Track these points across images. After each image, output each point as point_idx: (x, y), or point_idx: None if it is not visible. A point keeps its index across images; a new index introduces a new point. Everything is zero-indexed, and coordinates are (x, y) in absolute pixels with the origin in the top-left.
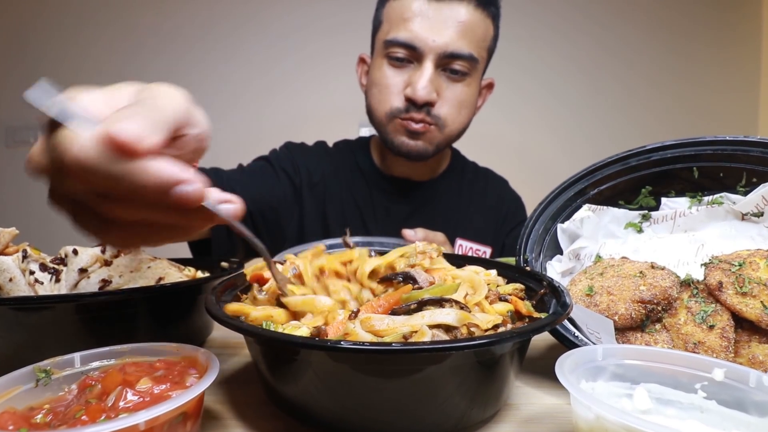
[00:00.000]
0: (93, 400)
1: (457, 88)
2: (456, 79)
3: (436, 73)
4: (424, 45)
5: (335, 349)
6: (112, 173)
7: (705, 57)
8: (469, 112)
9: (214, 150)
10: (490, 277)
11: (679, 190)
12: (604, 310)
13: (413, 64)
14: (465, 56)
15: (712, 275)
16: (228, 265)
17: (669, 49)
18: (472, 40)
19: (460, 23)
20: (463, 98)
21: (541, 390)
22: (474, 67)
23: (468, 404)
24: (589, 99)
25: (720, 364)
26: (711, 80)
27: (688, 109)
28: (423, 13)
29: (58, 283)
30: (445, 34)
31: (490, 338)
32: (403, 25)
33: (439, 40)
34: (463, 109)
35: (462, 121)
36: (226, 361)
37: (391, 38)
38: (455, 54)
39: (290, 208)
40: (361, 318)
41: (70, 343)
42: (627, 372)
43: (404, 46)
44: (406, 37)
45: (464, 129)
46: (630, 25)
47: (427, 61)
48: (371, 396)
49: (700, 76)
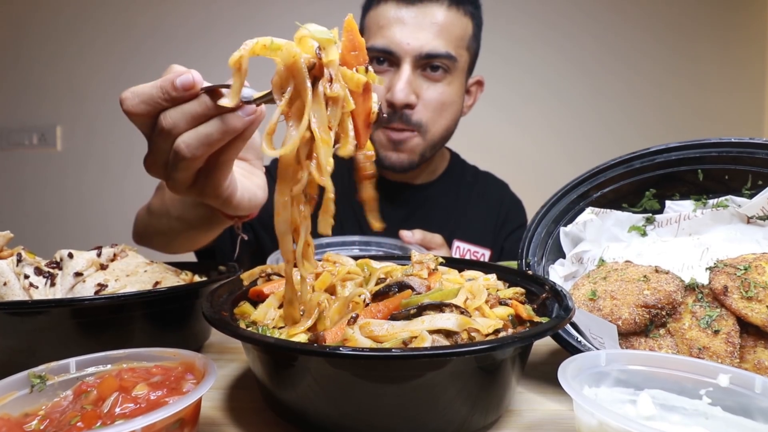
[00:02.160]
0: (89, 407)
1: (437, 89)
2: (436, 78)
3: (414, 75)
4: (399, 49)
5: (334, 355)
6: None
7: (710, 57)
8: (452, 113)
9: None
10: (489, 282)
11: (683, 192)
12: (607, 315)
13: (393, 70)
14: (442, 55)
15: (717, 279)
16: (225, 268)
17: (673, 50)
18: (449, 39)
19: (435, 24)
20: (444, 99)
21: (543, 396)
22: (454, 66)
23: (469, 410)
24: (592, 100)
25: (725, 370)
26: (716, 81)
27: (692, 111)
28: (398, 19)
29: (53, 288)
30: (421, 37)
31: (491, 343)
32: (379, 33)
33: (415, 43)
34: (445, 110)
35: (445, 124)
36: (224, 367)
37: (368, 46)
38: (432, 54)
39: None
40: (360, 323)
41: (65, 349)
42: (631, 378)
43: (381, 52)
44: (382, 43)
45: (449, 131)
46: (633, 25)
47: (404, 65)
48: (370, 402)
49: (705, 77)
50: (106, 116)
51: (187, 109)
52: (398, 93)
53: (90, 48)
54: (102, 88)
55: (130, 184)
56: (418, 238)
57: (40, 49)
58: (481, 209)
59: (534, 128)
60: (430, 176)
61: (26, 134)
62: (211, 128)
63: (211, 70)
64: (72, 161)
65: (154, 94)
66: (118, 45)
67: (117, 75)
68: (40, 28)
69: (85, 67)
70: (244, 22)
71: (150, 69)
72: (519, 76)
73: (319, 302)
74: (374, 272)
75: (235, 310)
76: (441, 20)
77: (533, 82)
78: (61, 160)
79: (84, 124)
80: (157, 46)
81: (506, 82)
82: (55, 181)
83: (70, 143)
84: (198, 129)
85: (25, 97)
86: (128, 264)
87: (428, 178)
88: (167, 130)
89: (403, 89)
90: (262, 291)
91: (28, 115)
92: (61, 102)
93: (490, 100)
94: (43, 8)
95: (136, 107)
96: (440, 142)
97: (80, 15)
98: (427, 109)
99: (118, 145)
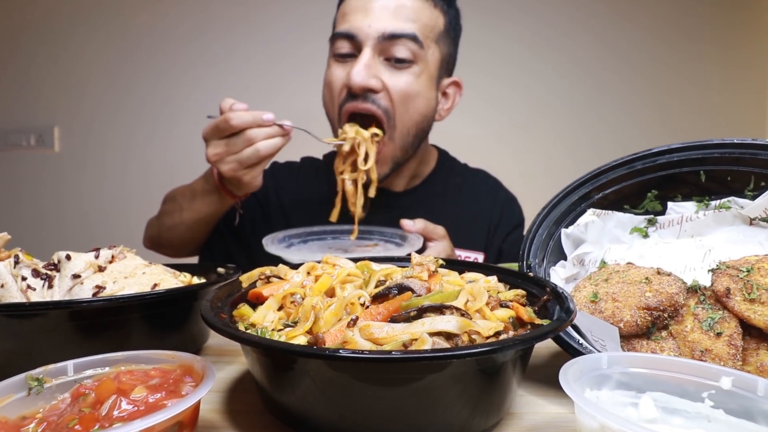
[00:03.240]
0: (86, 409)
1: (401, 77)
2: (400, 67)
3: (375, 60)
4: (360, 32)
5: (334, 357)
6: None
7: (712, 58)
8: (421, 108)
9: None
10: (490, 284)
11: (685, 194)
12: (609, 317)
13: (356, 57)
14: (407, 35)
15: (720, 281)
16: (224, 270)
17: (675, 50)
18: (416, 21)
19: (400, 6)
20: (409, 89)
21: (544, 399)
22: (420, 54)
23: (470, 413)
24: (594, 101)
25: (727, 373)
26: (718, 82)
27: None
28: (362, 5)
29: (50, 290)
30: (382, 18)
31: (492, 346)
32: (342, 20)
33: (376, 25)
34: (411, 101)
35: (414, 119)
36: (223, 369)
37: (333, 34)
38: (395, 34)
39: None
40: (360, 326)
41: (63, 351)
42: (632, 380)
43: (343, 37)
44: (344, 28)
45: (420, 130)
46: (635, 25)
47: (365, 48)
48: (370, 405)
49: (707, 78)
50: (103, 117)
51: (266, 129)
52: (355, 75)
53: (87, 48)
54: (99, 88)
55: (127, 185)
56: (420, 227)
57: (37, 50)
58: (471, 211)
59: (535, 129)
60: (412, 180)
61: (23, 135)
62: (277, 141)
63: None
64: (69, 162)
65: (250, 119)
66: (115, 45)
67: (114, 75)
68: (36, 29)
69: (83, 67)
70: (242, 22)
71: (147, 69)
72: (520, 76)
73: (313, 305)
74: (374, 274)
75: (234, 312)
76: (408, 4)
77: (534, 83)
78: (58, 161)
79: (81, 125)
80: (154, 47)
81: (507, 82)
82: (52, 183)
83: (67, 144)
84: (270, 140)
85: (22, 97)
86: (126, 266)
87: (411, 183)
88: (251, 138)
89: (360, 71)
90: (261, 293)
91: (25, 116)
92: (59, 103)
93: (490, 100)
94: (39, 9)
95: (239, 125)
96: (412, 143)
97: (77, 15)
98: (392, 100)
99: (115, 146)
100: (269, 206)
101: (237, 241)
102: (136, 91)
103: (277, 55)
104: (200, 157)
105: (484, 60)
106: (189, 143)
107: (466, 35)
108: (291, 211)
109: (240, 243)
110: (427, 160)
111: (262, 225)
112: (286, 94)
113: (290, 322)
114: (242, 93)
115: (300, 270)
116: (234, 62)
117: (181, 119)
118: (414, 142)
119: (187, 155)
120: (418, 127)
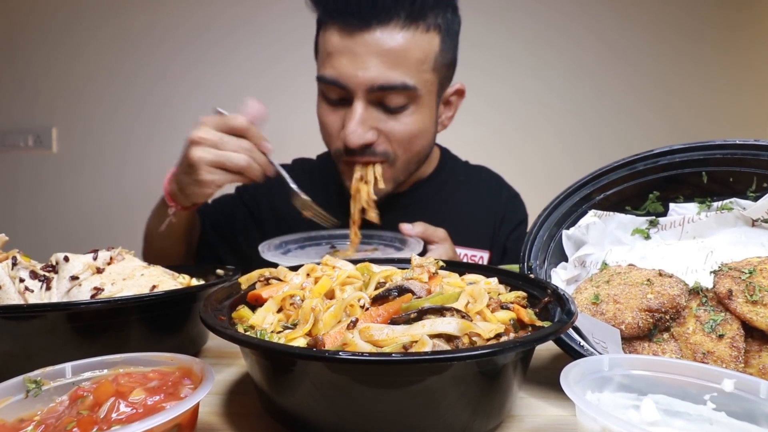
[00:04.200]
0: (85, 412)
1: (400, 122)
2: (396, 111)
3: (369, 110)
4: (350, 82)
5: (333, 359)
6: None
7: (714, 58)
8: (424, 140)
9: None
10: (490, 286)
11: (687, 195)
12: (610, 319)
13: (348, 103)
14: (398, 86)
15: (722, 283)
16: (223, 272)
17: (677, 50)
18: (407, 66)
19: (388, 51)
20: (409, 130)
21: (545, 401)
22: (415, 96)
23: (470, 416)
24: (595, 101)
25: (730, 375)
26: (720, 82)
27: (696, 112)
28: (346, 47)
29: (48, 291)
30: (371, 67)
31: (492, 348)
32: (328, 61)
33: (364, 75)
34: (412, 141)
35: (416, 150)
36: (222, 372)
37: (319, 75)
38: (385, 86)
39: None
40: (359, 327)
41: (61, 353)
42: (634, 383)
43: (332, 84)
44: (331, 74)
45: (422, 155)
46: (636, 25)
47: (356, 100)
48: (370, 407)
49: (709, 78)
50: (102, 118)
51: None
52: (350, 135)
53: (85, 48)
54: (98, 89)
55: (126, 186)
56: (419, 231)
57: (35, 50)
58: (475, 208)
59: (536, 130)
60: (414, 181)
61: (21, 136)
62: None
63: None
64: (68, 163)
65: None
66: (113, 46)
67: (113, 76)
68: (35, 29)
69: (81, 67)
70: (241, 23)
71: (146, 70)
72: (521, 77)
73: (312, 307)
74: (374, 276)
75: (233, 314)
76: (395, 46)
77: (535, 84)
78: (56, 162)
79: (80, 125)
80: (153, 47)
81: (508, 83)
82: (50, 184)
83: (65, 145)
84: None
85: (20, 98)
86: (125, 267)
87: (413, 184)
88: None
89: (355, 131)
90: (261, 295)
91: (23, 117)
92: (57, 103)
93: (491, 101)
94: (38, 9)
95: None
96: (415, 165)
97: (75, 16)
98: (391, 142)
99: (114, 147)
100: (261, 212)
101: (232, 252)
102: (135, 91)
103: (277, 56)
104: None
105: (485, 61)
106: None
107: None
108: (285, 216)
109: (235, 253)
110: (428, 160)
111: (255, 232)
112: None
113: (290, 324)
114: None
115: (299, 272)
116: (233, 63)
117: (179, 120)
118: (415, 166)
119: None
120: (420, 154)
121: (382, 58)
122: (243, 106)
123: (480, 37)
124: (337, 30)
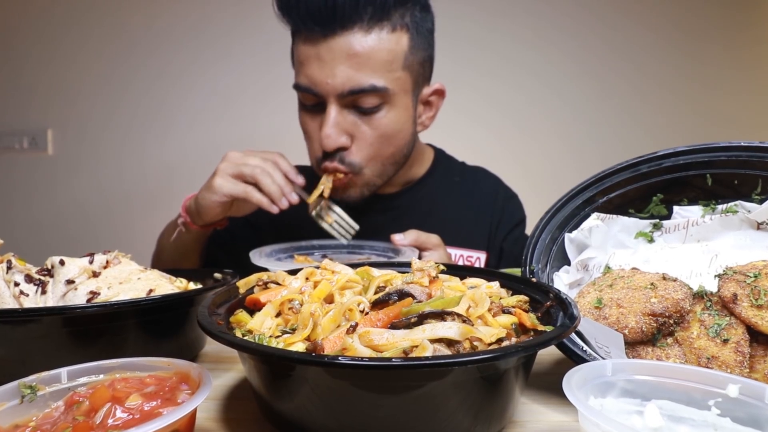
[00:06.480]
0: (80, 418)
1: (373, 123)
2: (370, 112)
3: (343, 114)
4: (321, 88)
5: (332, 364)
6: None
7: (719, 59)
8: (399, 140)
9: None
10: (492, 290)
11: (691, 198)
12: (613, 324)
13: (323, 108)
14: (367, 89)
15: (727, 287)
16: (221, 276)
17: (681, 51)
18: (374, 68)
19: (354, 55)
20: (383, 131)
21: (547, 407)
22: (387, 96)
23: (471, 422)
24: (598, 103)
25: (734, 380)
26: (725, 83)
27: (700, 114)
28: (315, 54)
29: (44, 295)
30: (339, 72)
31: (494, 353)
32: (301, 70)
33: (333, 81)
34: (386, 142)
35: (391, 152)
36: (220, 377)
37: (294, 84)
38: (355, 90)
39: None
40: (359, 332)
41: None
42: (637, 388)
43: (306, 91)
44: (304, 82)
45: (399, 156)
46: (640, 25)
47: (330, 105)
48: (370, 413)
49: (714, 79)
50: (97, 119)
51: (288, 191)
52: (324, 139)
53: (81, 50)
54: (94, 90)
55: (122, 188)
56: (412, 239)
57: (30, 51)
58: (471, 209)
59: (538, 131)
60: (405, 182)
61: (16, 138)
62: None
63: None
64: (63, 165)
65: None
66: (109, 46)
67: (109, 77)
68: (30, 30)
69: (77, 69)
70: (238, 24)
71: (142, 71)
72: (523, 77)
73: (311, 311)
74: (373, 280)
75: (231, 318)
76: (360, 50)
77: (538, 85)
78: (52, 165)
79: (75, 127)
80: (149, 48)
81: (509, 83)
82: (46, 186)
83: (61, 147)
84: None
85: (15, 99)
86: (121, 271)
87: (404, 185)
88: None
89: (329, 134)
90: (259, 299)
91: (17, 119)
92: (52, 105)
93: (492, 102)
94: (33, 10)
95: (279, 163)
96: (393, 168)
97: (71, 16)
98: (363, 149)
99: (110, 148)
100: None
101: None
102: (131, 93)
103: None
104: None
105: (486, 61)
106: (184, 145)
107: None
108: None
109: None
110: (420, 161)
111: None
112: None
113: (288, 329)
114: (239, 95)
115: (298, 276)
116: (230, 64)
117: (176, 121)
118: (392, 168)
119: (183, 157)
120: (396, 156)
121: (349, 62)
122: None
123: (483, 37)
124: (306, 39)
